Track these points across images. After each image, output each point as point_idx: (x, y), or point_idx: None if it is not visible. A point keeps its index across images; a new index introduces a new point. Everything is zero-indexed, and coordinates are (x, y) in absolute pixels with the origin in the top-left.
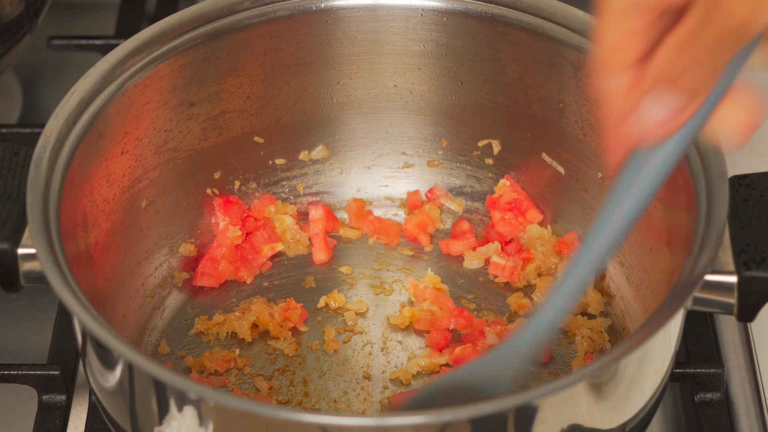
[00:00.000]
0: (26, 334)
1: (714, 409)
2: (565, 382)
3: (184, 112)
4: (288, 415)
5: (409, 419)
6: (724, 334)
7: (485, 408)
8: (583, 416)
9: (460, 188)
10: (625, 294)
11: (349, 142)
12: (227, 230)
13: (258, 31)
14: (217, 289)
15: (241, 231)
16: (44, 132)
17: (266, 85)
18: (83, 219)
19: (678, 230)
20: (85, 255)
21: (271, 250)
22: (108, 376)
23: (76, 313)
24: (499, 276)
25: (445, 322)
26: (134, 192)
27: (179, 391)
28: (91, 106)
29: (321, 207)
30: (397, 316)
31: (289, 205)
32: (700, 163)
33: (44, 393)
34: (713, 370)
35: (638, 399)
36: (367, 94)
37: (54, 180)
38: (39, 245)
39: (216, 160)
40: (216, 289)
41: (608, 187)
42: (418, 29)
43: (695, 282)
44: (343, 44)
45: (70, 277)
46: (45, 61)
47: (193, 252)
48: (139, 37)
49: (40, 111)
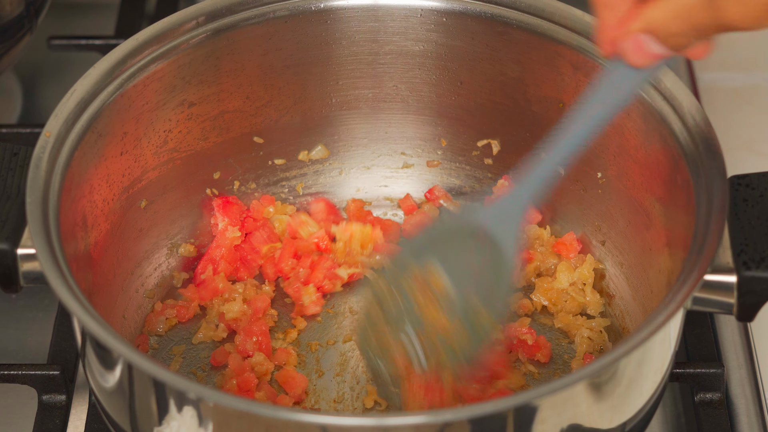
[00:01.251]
0: (26, 334)
1: (714, 410)
2: (564, 382)
3: (183, 113)
4: (288, 415)
5: (409, 419)
6: (724, 334)
7: (485, 408)
8: (582, 416)
9: (459, 188)
10: (625, 294)
11: (348, 143)
12: (226, 230)
13: (257, 31)
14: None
15: (241, 231)
16: (44, 132)
17: (266, 85)
18: (83, 219)
19: (677, 230)
20: (84, 255)
21: (271, 251)
22: (107, 377)
23: (76, 313)
24: None
25: None
26: (133, 192)
27: (179, 392)
28: (90, 107)
29: (323, 201)
30: None
31: (289, 205)
32: (700, 163)
33: (44, 393)
34: (713, 370)
35: (638, 399)
36: (367, 95)
37: (53, 180)
38: (38, 245)
39: (215, 160)
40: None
41: (608, 186)
42: (417, 29)
43: (695, 282)
44: (342, 44)
45: (69, 277)
46: (45, 61)
47: (192, 252)
48: (138, 37)
49: (40, 111)
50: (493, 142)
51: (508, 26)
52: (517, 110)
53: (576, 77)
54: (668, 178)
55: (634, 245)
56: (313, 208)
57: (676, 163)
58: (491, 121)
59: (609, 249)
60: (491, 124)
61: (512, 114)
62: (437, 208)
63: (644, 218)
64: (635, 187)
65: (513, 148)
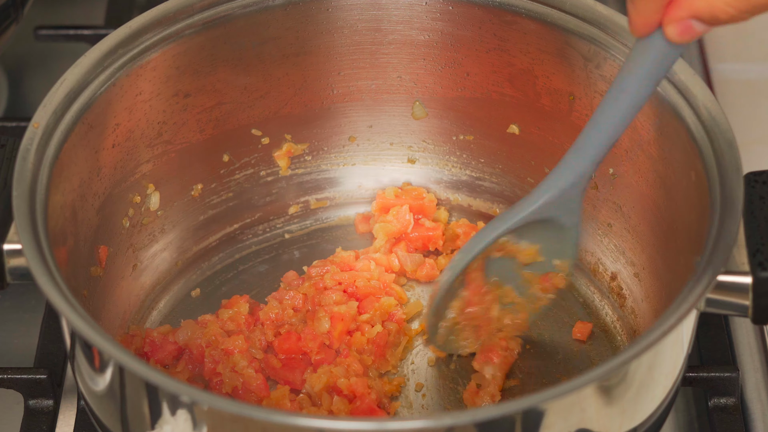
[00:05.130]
0: (12, 337)
1: (728, 415)
2: (572, 385)
3: (178, 104)
4: (283, 419)
5: (410, 424)
6: (738, 336)
7: (490, 412)
8: (590, 421)
9: (465, 182)
10: (637, 295)
11: (351, 135)
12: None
13: (255, 19)
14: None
15: None
16: (32, 123)
17: (264, 75)
18: (72, 214)
19: (690, 229)
20: (74, 252)
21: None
22: (98, 380)
23: (64, 313)
24: None
25: None
26: (126, 186)
27: (172, 395)
28: (80, 97)
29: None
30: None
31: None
32: (714, 159)
33: (30, 398)
34: (727, 374)
35: (649, 404)
36: (370, 86)
37: (41, 173)
38: (25, 241)
39: (212, 153)
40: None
41: (620, 183)
42: (422, 18)
43: (708, 283)
44: (344, 33)
45: (57, 274)
46: (32, 52)
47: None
48: (131, 25)
49: (27, 104)
50: (514, 126)
51: (517, 15)
52: (527, 103)
53: (587, 69)
54: (682, 174)
55: (646, 245)
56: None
57: (690, 159)
58: (500, 114)
59: (620, 248)
60: (499, 117)
61: (521, 107)
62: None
63: (657, 216)
64: (647, 184)
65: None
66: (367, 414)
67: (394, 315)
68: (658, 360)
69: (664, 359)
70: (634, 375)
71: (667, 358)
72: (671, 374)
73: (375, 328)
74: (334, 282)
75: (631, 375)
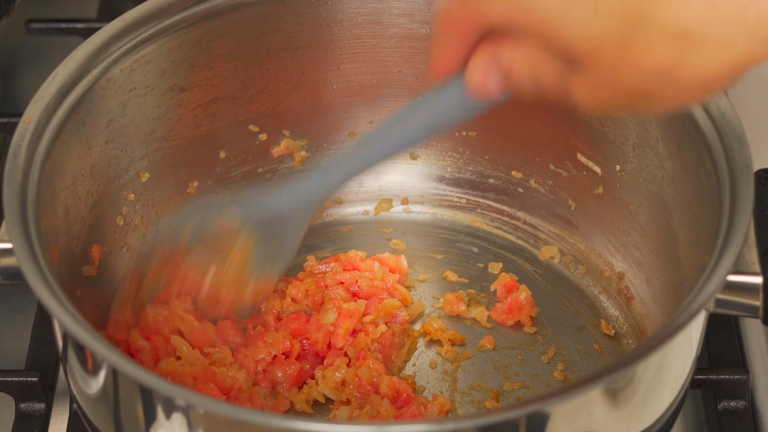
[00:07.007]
0: (2, 338)
1: (738, 418)
2: (578, 388)
3: (173, 99)
4: (280, 423)
5: (412, 428)
6: (749, 338)
7: (494, 416)
8: (597, 425)
9: (468, 181)
10: (645, 296)
11: (351, 131)
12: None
13: (253, 12)
14: None
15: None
16: (23, 119)
17: (262, 69)
18: (64, 212)
19: (700, 227)
20: (66, 251)
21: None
22: (91, 382)
23: (56, 313)
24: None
25: None
26: (120, 184)
27: (167, 398)
28: (73, 92)
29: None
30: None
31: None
32: (724, 156)
33: (22, 401)
34: (737, 377)
35: (656, 407)
36: (370, 80)
37: (33, 170)
38: (16, 240)
39: (208, 149)
40: None
41: (627, 180)
42: (423, 11)
43: (718, 283)
44: (343, 26)
45: (49, 274)
46: (23, 46)
47: None
48: (125, 18)
49: (18, 99)
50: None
51: None
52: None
53: None
54: (691, 171)
55: (655, 243)
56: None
57: (699, 156)
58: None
59: (628, 248)
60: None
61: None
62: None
63: (665, 214)
64: (655, 181)
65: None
66: (416, 414)
67: (398, 316)
68: (666, 362)
69: (672, 361)
70: (642, 377)
71: (675, 360)
72: (680, 377)
73: (379, 328)
74: (335, 281)
75: (639, 377)
